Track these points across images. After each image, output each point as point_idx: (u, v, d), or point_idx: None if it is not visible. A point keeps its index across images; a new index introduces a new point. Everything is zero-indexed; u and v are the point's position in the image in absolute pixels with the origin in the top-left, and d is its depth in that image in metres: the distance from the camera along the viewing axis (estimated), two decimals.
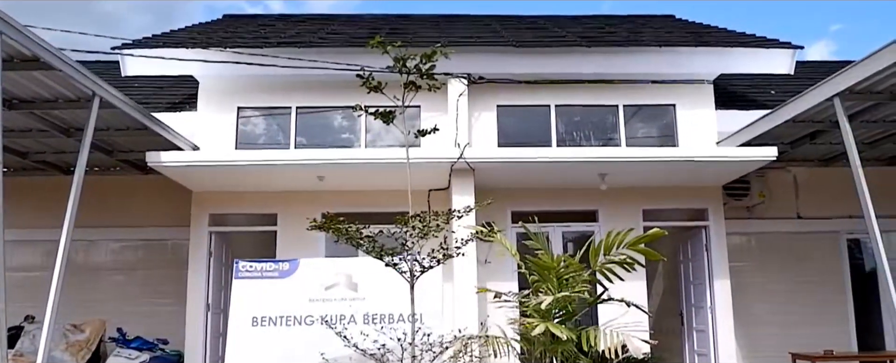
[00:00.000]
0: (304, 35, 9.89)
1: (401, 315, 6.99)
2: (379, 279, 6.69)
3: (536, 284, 5.46)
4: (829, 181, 9.56)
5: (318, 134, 9.38)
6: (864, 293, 9.75)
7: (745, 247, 9.81)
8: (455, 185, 8.11)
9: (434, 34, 10.14)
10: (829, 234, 9.84)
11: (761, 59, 9.47)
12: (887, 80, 6.42)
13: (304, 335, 6.88)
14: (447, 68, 8.52)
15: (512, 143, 9.05)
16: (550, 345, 5.17)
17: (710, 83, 9.52)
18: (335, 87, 8.96)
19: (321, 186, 8.48)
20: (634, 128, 9.56)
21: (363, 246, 4.97)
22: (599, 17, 12.06)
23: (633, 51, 9.27)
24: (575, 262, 5.35)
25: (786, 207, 9.81)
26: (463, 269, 7.80)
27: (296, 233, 8.37)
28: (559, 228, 9.05)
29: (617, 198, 8.86)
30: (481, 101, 9.22)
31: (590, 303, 5.75)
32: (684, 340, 9.71)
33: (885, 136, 8.34)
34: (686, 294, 9.78)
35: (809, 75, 9.65)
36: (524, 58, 9.17)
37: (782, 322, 9.48)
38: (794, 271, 9.73)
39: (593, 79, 9.33)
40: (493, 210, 7.92)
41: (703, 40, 9.67)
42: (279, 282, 7.18)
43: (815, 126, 7.99)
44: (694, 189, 9.06)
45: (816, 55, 42.96)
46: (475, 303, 7.74)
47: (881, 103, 7.03)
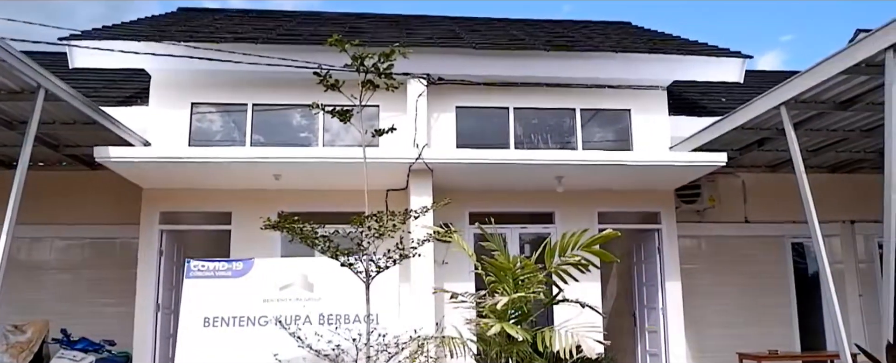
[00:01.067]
0: (262, 31, 9.73)
1: (357, 315, 6.94)
2: (335, 279, 6.64)
3: (493, 285, 5.48)
4: (775, 187, 9.89)
5: (275, 132, 9.24)
6: (806, 295, 10.11)
7: (696, 250, 10.07)
8: (413, 186, 8.10)
9: (393, 34, 10.11)
10: (774, 238, 10.18)
11: (713, 67, 9.74)
12: (830, 90, 6.69)
13: (257, 336, 6.77)
14: (406, 68, 8.49)
15: (470, 144, 9.09)
16: (506, 346, 5.20)
17: (664, 89, 9.74)
18: (293, 85, 8.84)
19: (278, 185, 8.36)
20: (591, 131, 9.71)
21: (318, 245, 4.92)
22: (558, 22, 12.22)
23: (590, 55, 9.42)
24: (531, 264, 5.39)
25: (734, 212, 10.11)
26: (420, 270, 7.80)
27: (251, 232, 8.22)
28: (516, 230, 9.13)
29: (573, 200, 8.99)
30: (440, 101, 9.23)
31: (545, 304, 5.81)
32: (637, 340, 9.90)
33: (828, 144, 8.67)
34: (639, 295, 9.98)
35: (758, 84, 9.97)
36: (483, 59, 9.23)
37: (730, 323, 9.75)
38: (742, 274, 10.03)
39: (551, 82, 9.46)
40: (451, 211, 7.94)
41: (657, 47, 9.89)
42: (232, 281, 7.05)
43: (763, 133, 8.26)
44: (648, 192, 9.26)
45: (767, 65, 44.43)
46: (432, 303, 7.74)
47: (824, 112, 7.31)
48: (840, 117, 7.52)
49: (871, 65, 5.93)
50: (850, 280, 10.16)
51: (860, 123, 7.83)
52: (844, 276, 10.09)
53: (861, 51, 5.78)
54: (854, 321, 9.80)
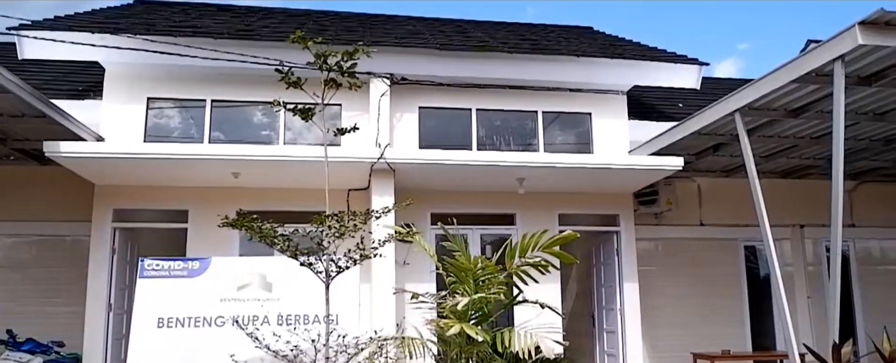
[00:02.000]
0: (222, 26, 9.55)
1: (316, 316, 6.87)
2: (294, 279, 6.56)
3: (454, 286, 5.49)
4: (729, 191, 10.15)
5: (235, 129, 9.08)
6: (758, 297, 10.40)
7: (653, 252, 10.26)
8: (375, 186, 8.06)
9: (357, 32, 10.04)
10: (728, 241, 10.45)
11: (671, 73, 9.96)
12: (781, 98, 6.90)
13: (213, 336, 6.64)
14: (369, 67, 8.46)
15: (433, 144, 9.09)
16: (466, 347, 5.21)
17: (623, 94, 9.91)
18: (254, 82, 8.71)
19: (236, 183, 8.22)
20: (553, 134, 9.82)
21: (278, 245, 4.85)
22: (521, 25, 12.32)
23: (552, 59, 9.52)
24: (491, 264, 5.41)
25: (690, 215, 10.34)
26: (381, 270, 7.76)
27: (208, 230, 8.07)
28: (478, 231, 9.16)
29: (534, 202, 9.07)
30: (403, 101, 9.21)
31: (505, 305, 5.85)
32: (595, 341, 10.04)
33: (779, 150, 8.94)
34: (598, 296, 10.12)
35: (714, 90, 10.23)
36: (447, 60, 9.24)
37: (685, 323, 9.97)
38: (697, 275, 10.26)
39: (514, 84, 9.53)
40: (413, 211, 7.92)
41: (618, 53, 10.05)
42: (188, 281, 6.90)
43: (718, 139, 8.46)
44: (607, 195, 9.40)
45: (724, 72, 45.70)
46: (393, 304, 7.71)
47: (776, 119, 7.53)
48: (791, 124, 7.76)
49: (820, 74, 6.13)
50: (798, 282, 10.49)
51: (810, 131, 8.10)
52: (794, 279, 10.42)
53: (811, 61, 5.97)
54: (802, 322, 10.13)
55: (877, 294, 10.70)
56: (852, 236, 10.69)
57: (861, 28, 5.35)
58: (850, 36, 5.42)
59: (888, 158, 9.42)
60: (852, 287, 10.70)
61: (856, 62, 5.88)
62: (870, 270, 10.86)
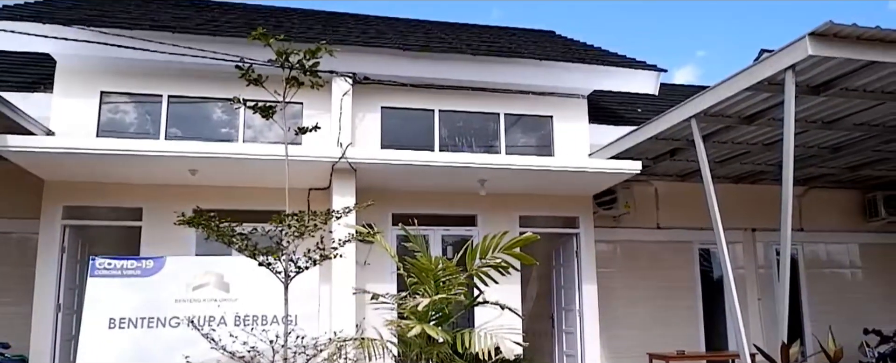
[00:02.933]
0: (181, 20, 9.35)
1: (275, 317, 6.80)
2: (252, 279, 6.47)
3: (414, 286, 5.49)
4: (685, 195, 10.38)
5: (193, 126, 8.90)
6: (711, 298, 10.67)
7: (612, 254, 10.43)
8: (336, 186, 7.99)
9: (321, 31, 9.94)
10: (683, 244, 10.68)
11: (631, 78, 10.14)
12: (736, 105, 7.09)
13: (167, 338, 6.50)
14: (332, 66, 8.39)
15: (395, 145, 9.06)
16: (426, 347, 5.21)
17: (584, 98, 10.05)
18: (213, 78, 8.55)
19: (194, 181, 8.04)
20: (514, 137, 9.90)
21: (236, 244, 4.77)
22: (486, 28, 12.38)
23: (515, 62, 9.60)
24: (452, 265, 5.44)
25: (647, 218, 10.55)
26: (341, 271, 7.70)
27: (163, 229, 7.87)
28: (439, 232, 9.17)
29: (495, 203, 9.12)
30: (366, 101, 9.16)
31: (466, 306, 5.88)
32: (554, 342, 10.15)
33: (733, 155, 9.19)
34: (557, 297, 10.24)
35: (672, 96, 10.46)
36: (410, 61, 9.23)
37: (641, 324, 10.16)
38: (653, 277, 10.46)
39: (477, 86, 9.57)
40: (375, 212, 7.88)
41: (579, 57, 10.19)
42: (142, 281, 6.73)
43: (675, 144, 8.65)
44: (567, 198, 9.52)
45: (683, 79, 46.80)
46: (353, 304, 7.66)
47: (730, 126, 7.74)
48: (744, 131, 7.98)
49: (772, 83, 6.33)
50: (750, 284, 10.80)
51: (762, 137, 8.34)
52: (745, 281, 10.72)
53: (764, 70, 6.15)
54: (754, 323, 10.43)
55: (823, 296, 11.09)
56: (801, 240, 11.06)
57: (811, 39, 5.53)
58: (801, 46, 5.60)
59: (835, 165, 9.78)
60: (800, 289, 11.06)
61: (806, 72, 6.08)
62: (817, 273, 11.25)
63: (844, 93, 6.61)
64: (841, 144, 8.67)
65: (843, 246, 11.46)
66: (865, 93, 6.66)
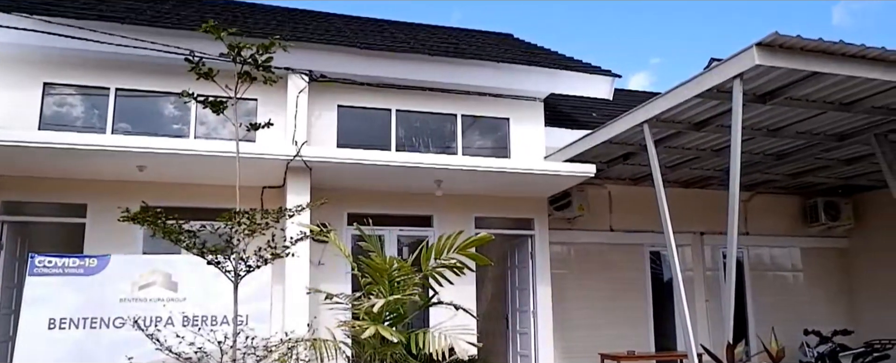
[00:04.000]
0: (131, 11, 9.06)
1: (224, 317, 6.65)
2: (201, 279, 6.33)
3: (369, 287, 5.45)
4: (637, 198, 10.59)
5: (143, 121, 8.64)
6: (661, 300, 10.91)
7: (565, 256, 10.56)
8: (290, 184, 7.87)
9: (275, 27, 9.79)
10: (635, 246, 10.89)
11: (586, 83, 10.30)
12: (686, 112, 7.28)
13: (111, 338, 6.29)
14: (288, 62, 8.28)
15: (352, 144, 8.98)
16: (380, 348, 5.17)
17: (540, 101, 10.16)
18: (164, 72, 8.32)
19: (142, 177, 7.81)
20: (471, 138, 9.94)
21: (184, 242, 4.64)
22: (444, 28, 12.39)
23: (473, 63, 9.64)
24: (407, 265, 5.41)
25: (601, 220, 10.72)
26: (295, 270, 7.59)
27: (109, 226, 7.61)
28: (395, 232, 9.12)
29: (451, 204, 9.14)
30: (322, 99, 9.06)
31: (420, 307, 5.86)
32: (509, 342, 10.22)
33: (683, 161, 9.42)
34: (512, 298, 10.31)
35: (627, 102, 10.66)
36: (368, 60, 9.17)
37: (594, 324, 10.31)
38: (606, 279, 10.64)
39: (434, 87, 9.58)
40: (330, 211, 7.81)
41: (536, 60, 10.30)
42: (84, 279, 6.50)
43: (628, 148, 8.82)
44: (523, 200, 9.60)
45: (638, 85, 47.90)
46: (306, 305, 7.55)
47: (681, 132, 7.94)
48: (694, 137, 8.20)
49: (721, 91, 6.51)
50: (698, 286, 11.08)
51: (711, 143, 8.58)
52: (694, 283, 11.00)
53: (713, 78, 6.32)
54: (701, 323, 10.71)
55: (767, 297, 11.47)
56: (746, 244, 11.41)
57: (758, 49, 5.72)
58: (749, 56, 5.78)
59: (779, 172, 10.14)
60: (745, 291, 11.41)
61: (753, 81, 6.28)
62: (761, 275, 11.63)
63: (789, 102, 6.85)
64: (785, 152, 8.98)
65: (785, 249, 11.88)
66: (808, 102, 6.92)
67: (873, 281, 11.53)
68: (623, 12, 48.58)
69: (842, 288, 11.95)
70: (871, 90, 6.57)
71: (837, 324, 11.09)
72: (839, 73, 5.91)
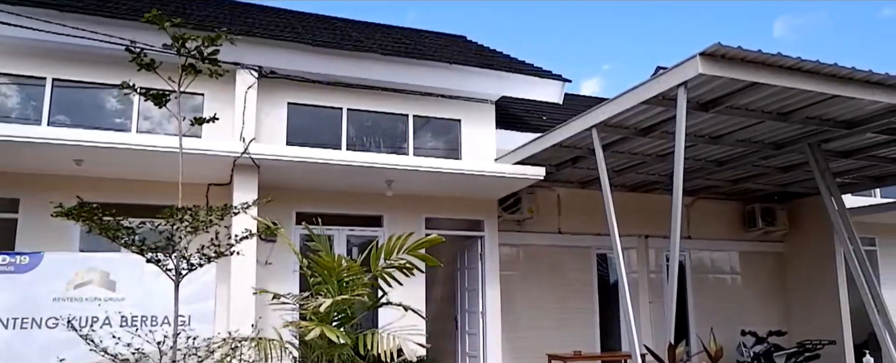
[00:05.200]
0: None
1: (165, 317, 6.45)
2: (141, 278, 6.15)
3: (317, 287, 5.37)
4: (585, 202, 10.78)
5: (82, 113, 8.32)
6: (607, 301, 11.13)
7: (515, 258, 10.66)
8: (237, 182, 7.70)
9: (224, 20, 9.57)
10: (583, 249, 11.08)
11: (537, 87, 10.43)
12: (633, 117, 7.45)
13: (43, 339, 6.01)
14: (236, 57, 8.11)
15: (302, 142, 8.85)
16: (328, 349, 5.10)
17: (492, 103, 10.24)
18: (105, 63, 8.03)
19: (80, 172, 7.50)
20: (423, 138, 9.93)
21: (122, 239, 4.46)
22: (397, 28, 12.36)
23: (425, 64, 9.64)
24: (356, 265, 5.36)
25: (550, 223, 10.86)
26: (240, 270, 7.42)
27: (43, 223, 7.27)
28: (344, 232, 9.04)
29: (402, 205, 9.10)
30: (272, 96, 8.90)
31: (369, 307, 5.80)
32: (458, 343, 10.25)
33: (630, 165, 9.64)
34: (461, 299, 10.34)
35: (577, 106, 10.84)
36: (320, 57, 9.06)
37: (542, 326, 10.44)
38: (554, 281, 10.78)
39: (387, 87, 9.54)
40: (278, 210, 7.66)
41: (489, 63, 10.37)
42: (15, 277, 6.20)
43: (577, 152, 8.97)
44: (473, 201, 9.64)
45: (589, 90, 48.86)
46: (252, 305, 7.38)
47: (628, 137, 8.12)
48: (640, 142, 8.39)
49: (666, 98, 6.69)
50: (642, 288, 11.35)
51: (656, 149, 8.80)
52: (638, 285, 11.26)
53: (659, 85, 6.49)
54: (645, 324, 10.97)
55: (707, 299, 11.85)
56: (688, 247, 11.76)
57: (702, 59, 5.89)
58: (693, 65, 5.96)
59: (720, 178, 10.48)
60: (687, 293, 11.75)
61: (697, 89, 6.47)
62: (702, 278, 12.00)
63: (729, 110, 7.09)
64: (725, 159, 9.29)
65: (725, 253, 12.29)
66: (748, 111, 7.18)
67: (805, 284, 12.04)
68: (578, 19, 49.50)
69: (777, 290, 12.44)
70: (805, 101, 6.86)
71: (772, 324, 11.55)
72: (776, 83, 6.14)
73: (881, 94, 6.46)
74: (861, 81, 6.36)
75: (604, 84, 48.61)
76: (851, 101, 6.63)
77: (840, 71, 6.18)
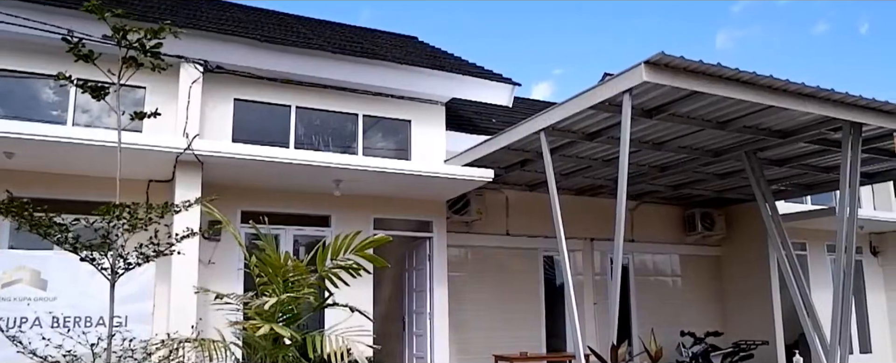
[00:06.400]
0: None
1: (101, 318, 6.23)
2: (75, 277, 5.92)
3: (263, 287, 5.27)
4: (532, 204, 10.92)
5: (15, 104, 7.97)
6: (552, 303, 11.29)
7: (463, 259, 10.70)
8: (180, 178, 7.49)
9: (169, 12, 9.30)
10: (530, 251, 11.21)
11: (487, 89, 10.52)
12: (580, 122, 7.59)
13: None
14: (181, 50, 7.91)
15: (248, 139, 8.64)
16: (272, 350, 5.02)
17: (443, 105, 10.28)
18: (41, 52, 7.70)
19: (11, 165, 7.15)
20: (373, 139, 9.88)
21: (54, 236, 4.28)
22: (349, 27, 12.27)
23: (376, 64, 9.60)
24: (302, 265, 5.29)
25: (498, 224, 10.95)
26: (182, 269, 7.22)
27: None
28: (291, 231, 8.91)
29: (350, 205, 9.03)
30: (218, 92, 8.71)
31: (315, 308, 5.74)
32: (405, 344, 10.22)
33: (577, 169, 9.81)
34: (409, 300, 10.32)
35: (526, 110, 10.98)
36: (268, 54, 8.91)
37: (489, 326, 10.51)
38: (502, 282, 10.87)
39: (337, 85, 9.45)
40: (223, 208, 7.40)
41: (440, 65, 10.41)
42: None
43: (525, 155, 9.08)
44: (422, 202, 9.65)
45: (540, 94, 49.64)
46: (194, 305, 7.19)
47: (575, 141, 8.27)
48: (587, 147, 8.56)
49: (612, 104, 6.84)
50: (587, 290, 11.57)
51: (602, 154, 9.00)
52: (584, 287, 11.46)
53: (605, 91, 6.63)
54: (589, 325, 11.18)
55: (649, 301, 12.16)
56: (632, 250, 12.05)
57: (646, 67, 6.05)
58: (637, 73, 6.11)
59: (662, 183, 10.79)
60: (630, 295, 12.04)
61: (641, 96, 6.64)
62: (644, 280, 12.32)
63: (672, 118, 7.31)
64: (668, 164, 9.57)
65: (666, 256, 12.65)
66: (689, 119, 7.41)
67: (741, 286, 12.50)
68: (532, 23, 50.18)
69: (714, 292, 12.88)
70: (743, 111, 7.13)
71: (710, 325, 11.95)
72: (716, 93, 6.36)
73: (812, 105, 6.78)
74: (794, 93, 6.65)
75: (555, 88, 49.45)
76: (785, 111, 6.92)
77: (775, 83, 6.44)
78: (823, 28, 50.95)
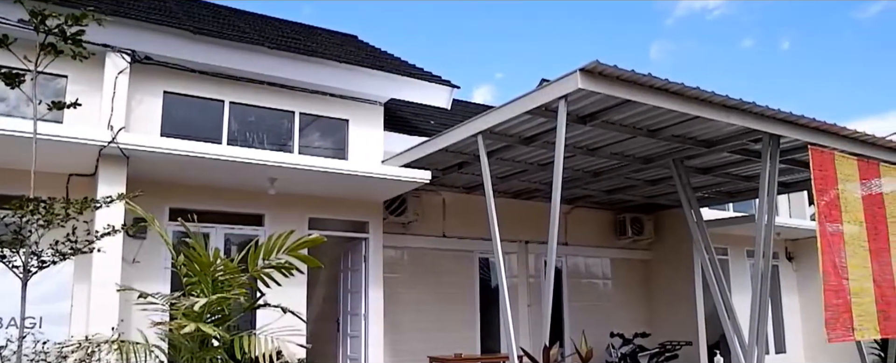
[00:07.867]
0: None
1: (13, 319, 5.87)
2: None
3: (191, 287, 5.10)
4: (469, 206, 11.00)
5: None
6: (487, 304, 11.39)
7: (399, 260, 10.66)
8: (103, 173, 7.15)
9: None
10: (465, 253, 11.28)
11: (426, 91, 10.53)
12: (517, 126, 7.69)
13: None
14: (106, 39, 7.56)
15: (178, 134, 8.36)
16: (199, 352, 4.85)
17: (381, 105, 10.22)
18: None
19: None
20: (309, 137, 9.72)
21: None
22: (288, 23, 12.04)
23: (315, 61, 9.45)
24: (232, 264, 5.14)
25: (434, 226, 10.98)
26: (103, 268, 6.88)
27: None
28: (223, 230, 8.66)
29: (285, 204, 8.86)
30: (146, 84, 8.37)
31: (246, 309, 5.59)
32: (339, 345, 10.09)
33: (513, 173, 9.95)
34: (344, 301, 10.20)
35: (464, 113, 11.05)
36: (200, 46, 8.63)
37: (424, 328, 10.50)
38: (437, 284, 10.90)
39: (273, 82, 9.26)
40: (150, 205, 7.13)
41: (379, 64, 10.34)
42: None
43: (463, 157, 9.14)
44: (358, 202, 9.56)
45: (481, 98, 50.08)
46: (115, 305, 6.86)
47: (512, 145, 8.38)
48: (523, 151, 8.69)
49: (548, 109, 6.96)
50: (522, 292, 11.74)
51: (538, 158, 9.15)
52: (518, 289, 11.63)
53: (541, 97, 6.74)
54: (523, 327, 11.35)
55: (581, 303, 12.45)
56: (565, 253, 12.31)
57: (581, 74, 6.19)
58: (573, 79, 6.24)
59: (595, 188, 11.07)
60: (563, 297, 12.29)
61: (576, 103, 6.78)
62: (577, 283, 12.60)
63: (605, 125, 7.51)
64: (600, 170, 9.82)
65: (598, 259, 12.99)
66: (621, 126, 7.63)
67: (668, 289, 12.97)
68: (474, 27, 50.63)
69: (643, 295, 13.31)
70: (671, 120, 7.40)
71: (638, 327, 12.34)
72: (646, 102, 6.55)
73: (736, 117, 7.10)
74: (718, 104, 6.95)
75: (496, 92, 50.10)
76: (711, 122, 7.22)
77: (701, 94, 6.71)
78: (749, 43, 53.66)
